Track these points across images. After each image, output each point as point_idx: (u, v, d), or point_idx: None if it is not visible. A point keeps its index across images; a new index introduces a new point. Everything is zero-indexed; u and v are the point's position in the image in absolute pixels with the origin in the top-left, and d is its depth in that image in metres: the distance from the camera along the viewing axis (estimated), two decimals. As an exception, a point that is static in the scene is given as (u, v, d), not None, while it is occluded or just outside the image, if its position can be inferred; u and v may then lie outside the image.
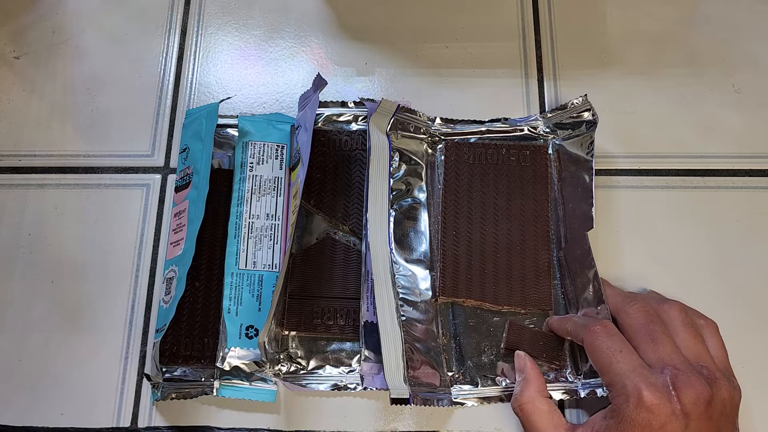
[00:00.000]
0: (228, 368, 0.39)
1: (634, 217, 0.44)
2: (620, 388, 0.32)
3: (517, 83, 0.47)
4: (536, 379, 0.37)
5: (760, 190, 0.44)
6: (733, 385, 0.34)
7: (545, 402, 0.36)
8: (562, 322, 0.38)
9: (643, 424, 0.31)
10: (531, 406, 0.36)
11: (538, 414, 0.36)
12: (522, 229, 0.42)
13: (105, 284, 0.42)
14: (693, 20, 0.49)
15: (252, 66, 0.48)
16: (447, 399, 0.39)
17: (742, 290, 0.42)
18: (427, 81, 0.47)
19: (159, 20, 0.49)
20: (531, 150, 0.44)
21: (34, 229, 0.44)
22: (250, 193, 0.43)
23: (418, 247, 0.42)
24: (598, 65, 0.48)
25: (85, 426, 0.39)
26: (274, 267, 0.41)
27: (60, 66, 0.48)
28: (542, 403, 0.36)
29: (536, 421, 0.35)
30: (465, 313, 0.41)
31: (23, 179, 0.45)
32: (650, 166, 0.45)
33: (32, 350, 0.41)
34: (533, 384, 0.37)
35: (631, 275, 0.42)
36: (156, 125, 0.46)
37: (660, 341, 0.34)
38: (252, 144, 0.44)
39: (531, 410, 0.36)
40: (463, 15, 0.49)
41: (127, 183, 0.45)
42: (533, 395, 0.36)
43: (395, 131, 0.44)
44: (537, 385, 0.37)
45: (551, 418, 0.35)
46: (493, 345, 0.40)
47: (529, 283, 0.41)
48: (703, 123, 0.46)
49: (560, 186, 0.44)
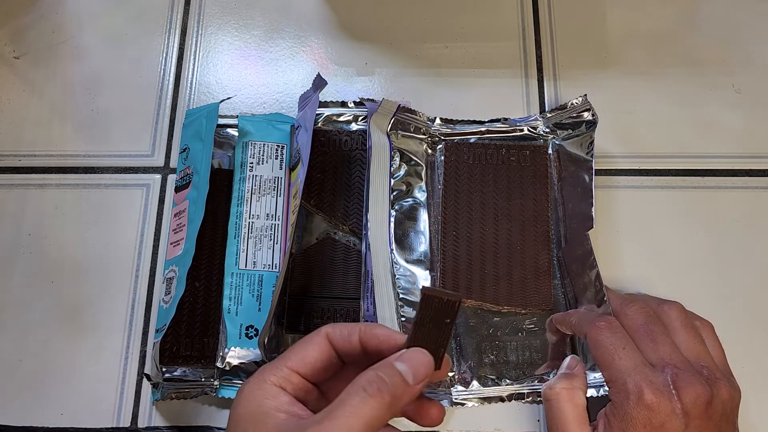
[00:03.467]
0: (228, 368, 0.39)
1: (634, 217, 0.44)
2: (621, 385, 0.32)
3: (517, 83, 0.47)
4: (582, 378, 0.37)
5: (760, 190, 0.44)
6: (733, 386, 0.34)
7: (582, 398, 0.36)
8: (567, 316, 0.38)
9: (643, 422, 0.31)
10: (569, 395, 0.35)
11: (572, 405, 0.35)
12: (522, 229, 0.42)
13: (105, 284, 0.42)
14: (693, 20, 0.49)
15: (252, 66, 0.48)
16: (447, 399, 0.39)
17: (742, 290, 0.42)
18: (427, 81, 0.47)
19: (159, 20, 0.49)
20: (531, 150, 0.44)
21: (34, 229, 0.44)
22: (250, 193, 0.43)
23: (418, 248, 0.42)
24: (598, 65, 0.48)
25: (85, 426, 0.39)
26: (274, 267, 0.41)
27: (60, 66, 0.48)
28: (580, 397, 0.36)
29: (566, 411, 0.35)
30: (465, 313, 0.41)
31: (23, 179, 0.45)
32: (650, 166, 0.45)
33: (32, 350, 0.41)
34: (578, 379, 0.36)
35: (631, 275, 0.42)
36: (156, 125, 0.46)
37: (659, 341, 0.34)
38: (252, 144, 0.44)
39: (567, 398, 0.35)
40: (463, 15, 0.49)
41: (127, 183, 0.45)
42: (575, 386, 0.36)
43: (395, 131, 0.44)
44: (581, 382, 0.36)
45: (581, 414, 0.35)
46: (494, 345, 0.40)
47: (529, 284, 0.41)
48: (703, 123, 0.46)
49: (560, 186, 0.44)
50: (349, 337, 0.29)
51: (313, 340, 0.30)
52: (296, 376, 0.29)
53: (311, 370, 0.30)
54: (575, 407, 0.35)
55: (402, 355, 0.28)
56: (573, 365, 0.38)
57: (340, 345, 0.30)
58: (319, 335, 0.30)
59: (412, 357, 0.28)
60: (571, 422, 0.34)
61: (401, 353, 0.28)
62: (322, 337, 0.30)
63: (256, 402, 0.28)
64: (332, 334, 0.30)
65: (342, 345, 0.30)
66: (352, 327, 0.30)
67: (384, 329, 0.30)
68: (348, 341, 0.29)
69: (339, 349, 0.30)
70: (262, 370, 0.29)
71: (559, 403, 0.35)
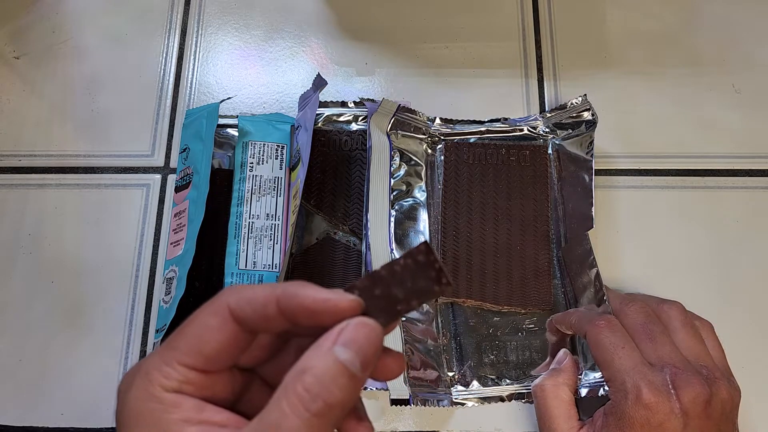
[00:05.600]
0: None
1: (634, 217, 0.44)
2: (619, 384, 0.32)
3: (517, 83, 0.47)
4: (569, 372, 0.37)
5: (760, 190, 0.44)
6: (733, 385, 0.34)
7: (568, 393, 0.36)
8: (567, 315, 0.39)
9: (641, 421, 0.31)
10: (554, 391, 0.36)
11: (558, 401, 0.35)
12: (522, 229, 0.42)
13: (105, 284, 0.42)
14: (693, 20, 0.49)
15: (252, 66, 0.48)
16: (447, 399, 0.39)
17: (742, 290, 0.42)
18: (427, 81, 0.47)
19: (159, 20, 0.49)
20: (531, 150, 0.44)
21: (34, 229, 0.44)
22: (250, 193, 0.43)
23: (418, 247, 0.42)
24: (598, 65, 0.48)
25: (85, 426, 0.39)
26: (274, 267, 0.41)
27: (60, 66, 0.48)
28: (565, 393, 0.36)
29: (553, 407, 0.35)
30: (465, 313, 0.41)
31: (23, 179, 0.45)
32: (650, 166, 0.45)
33: (32, 350, 0.41)
34: (565, 374, 0.37)
35: (631, 275, 0.42)
36: (156, 125, 0.46)
37: (659, 341, 0.34)
38: (252, 144, 0.44)
39: (553, 395, 0.36)
40: (463, 15, 0.49)
41: (127, 183, 0.45)
42: (560, 383, 0.36)
43: (395, 131, 0.44)
44: (567, 377, 0.37)
45: (568, 409, 0.35)
46: (494, 345, 0.40)
47: (529, 283, 0.41)
48: (703, 123, 0.46)
49: (560, 186, 0.44)
50: (264, 309, 0.21)
51: (209, 321, 0.21)
52: (195, 373, 0.21)
53: (216, 363, 0.21)
54: (561, 403, 0.35)
55: (343, 331, 0.20)
56: (562, 359, 0.38)
57: (254, 322, 0.21)
58: (218, 314, 0.21)
59: (357, 337, 0.20)
60: (557, 417, 0.35)
61: (342, 327, 0.20)
62: (222, 315, 0.21)
63: (150, 419, 0.20)
64: (238, 310, 0.21)
65: (256, 322, 0.21)
66: (265, 294, 0.21)
67: (312, 290, 0.21)
68: (264, 316, 0.21)
69: (254, 328, 0.22)
70: (147, 370, 0.21)
71: (546, 399, 0.36)
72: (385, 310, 0.21)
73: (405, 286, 0.21)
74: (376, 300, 0.21)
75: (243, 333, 0.21)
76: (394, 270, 0.21)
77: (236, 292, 0.21)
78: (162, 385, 0.21)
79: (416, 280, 0.21)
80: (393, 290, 0.21)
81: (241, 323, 0.21)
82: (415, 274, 0.20)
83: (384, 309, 0.21)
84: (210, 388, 0.22)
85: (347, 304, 0.20)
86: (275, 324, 0.21)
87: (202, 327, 0.21)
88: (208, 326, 0.21)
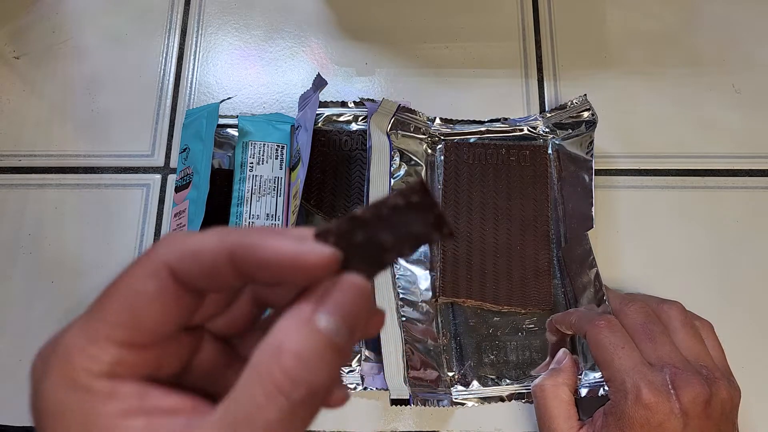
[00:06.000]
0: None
1: (634, 217, 0.44)
2: (619, 384, 0.32)
3: (517, 83, 0.47)
4: (569, 372, 0.37)
5: (760, 190, 0.44)
6: (733, 385, 0.34)
7: (568, 393, 0.36)
8: (567, 315, 0.39)
9: (641, 421, 0.31)
10: (554, 391, 0.36)
11: (558, 401, 0.35)
12: (522, 229, 0.42)
13: (105, 284, 0.42)
14: (693, 20, 0.49)
15: (252, 66, 0.48)
16: (447, 399, 0.39)
17: (742, 290, 0.42)
18: (427, 81, 0.47)
19: (159, 20, 0.49)
20: (531, 150, 0.44)
21: (34, 229, 0.44)
22: (250, 193, 0.43)
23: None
24: (598, 65, 0.48)
25: (85, 426, 0.39)
26: (274, 267, 0.41)
27: (60, 66, 0.48)
28: (565, 392, 0.36)
29: (552, 406, 0.35)
30: (465, 313, 0.41)
31: (23, 179, 0.45)
32: (650, 166, 0.45)
33: (32, 350, 0.41)
34: (564, 374, 0.37)
35: (631, 275, 0.42)
36: (156, 125, 0.46)
37: (659, 341, 0.34)
38: (252, 144, 0.44)
39: (552, 395, 0.36)
40: (463, 15, 0.49)
41: (127, 183, 0.45)
42: (560, 383, 0.36)
43: (395, 131, 0.44)
44: (567, 377, 0.37)
45: (567, 409, 0.35)
46: (494, 345, 0.40)
47: (529, 283, 0.41)
48: (703, 123, 0.46)
49: (560, 186, 0.44)
50: (213, 266, 0.17)
51: (144, 286, 0.17)
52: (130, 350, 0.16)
53: (156, 335, 0.17)
54: (561, 403, 0.35)
55: (325, 294, 0.16)
56: (561, 359, 0.38)
57: (201, 282, 0.17)
58: (155, 276, 0.17)
59: (342, 300, 0.16)
60: (557, 417, 0.35)
61: (323, 290, 0.16)
62: (160, 277, 0.17)
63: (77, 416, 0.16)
64: (180, 270, 0.17)
65: (204, 282, 0.17)
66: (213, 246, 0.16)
67: (273, 239, 0.16)
68: (213, 274, 0.17)
69: (202, 288, 0.17)
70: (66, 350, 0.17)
71: (545, 400, 0.36)
72: (369, 260, 0.17)
73: (395, 230, 0.17)
74: (358, 248, 0.17)
75: (188, 295, 0.17)
76: (381, 212, 0.17)
77: (176, 243, 0.17)
78: (88, 369, 0.16)
79: (410, 224, 0.17)
80: (379, 235, 0.17)
81: (184, 284, 0.17)
82: (408, 217, 0.17)
83: (367, 258, 0.17)
84: (151, 364, 0.17)
85: (321, 259, 0.16)
86: (228, 282, 0.17)
87: (135, 294, 0.17)
88: (144, 292, 0.17)
